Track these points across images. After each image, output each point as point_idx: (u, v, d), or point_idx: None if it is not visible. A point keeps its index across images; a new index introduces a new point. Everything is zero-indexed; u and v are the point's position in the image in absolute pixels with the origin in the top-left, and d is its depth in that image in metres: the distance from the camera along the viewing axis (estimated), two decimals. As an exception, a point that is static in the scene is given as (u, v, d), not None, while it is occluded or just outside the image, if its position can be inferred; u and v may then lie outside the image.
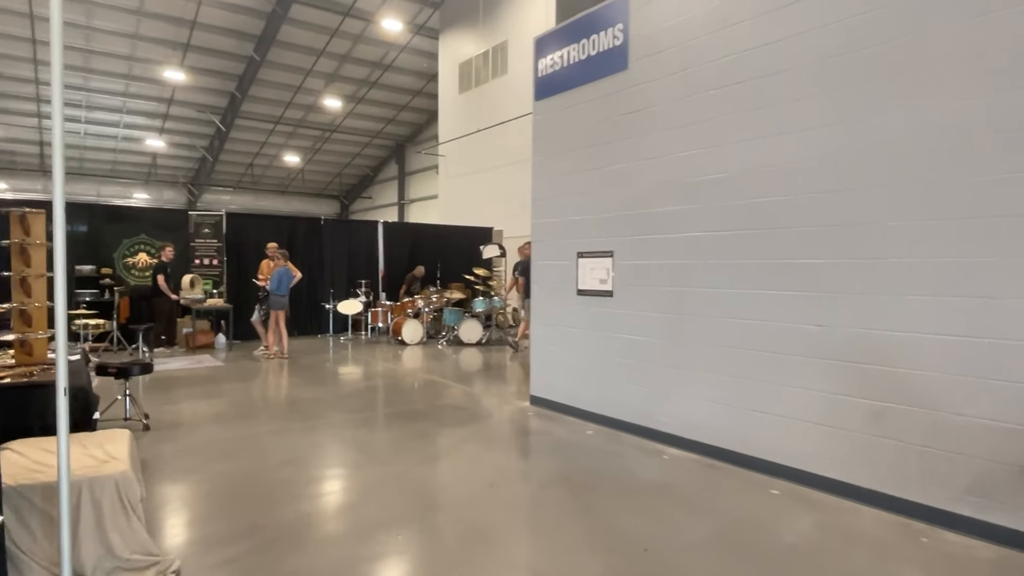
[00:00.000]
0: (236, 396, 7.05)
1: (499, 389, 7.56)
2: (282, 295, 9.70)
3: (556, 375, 6.33)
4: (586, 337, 5.96)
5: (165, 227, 11.46)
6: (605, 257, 5.73)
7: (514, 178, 18.76)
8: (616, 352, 5.64)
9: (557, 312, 6.30)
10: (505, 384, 7.90)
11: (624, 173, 5.57)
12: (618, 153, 5.63)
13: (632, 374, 5.48)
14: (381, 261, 13.92)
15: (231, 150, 28.53)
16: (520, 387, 7.67)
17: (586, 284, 5.93)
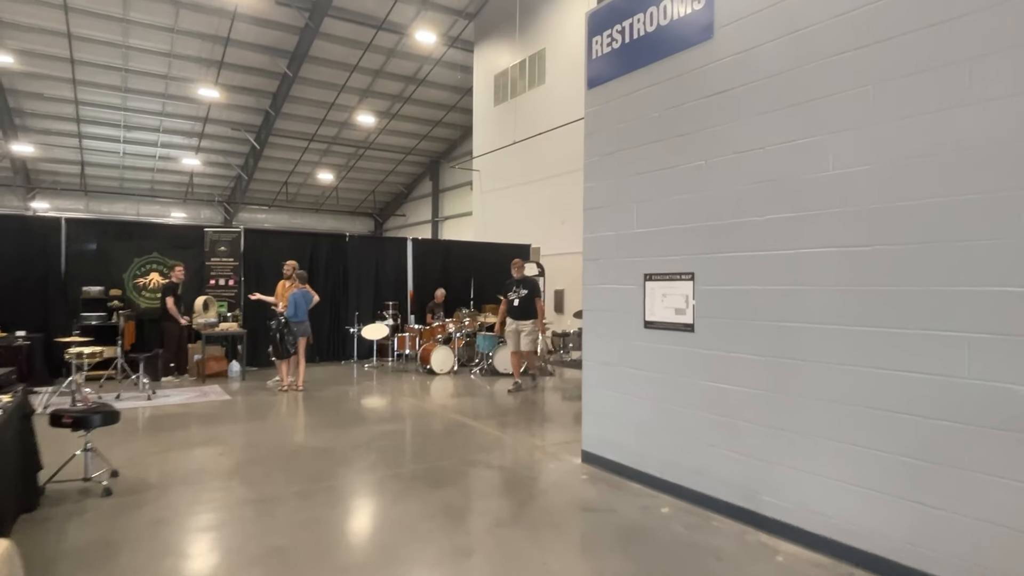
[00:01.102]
0: (233, 443, 5.88)
1: (543, 435, 6.22)
2: (301, 321, 8.57)
3: (616, 428, 4.97)
4: (657, 382, 4.60)
5: (179, 245, 10.51)
6: (682, 280, 4.39)
7: (552, 192, 17.53)
8: (699, 404, 4.27)
9: (616, 348, 4.96)
10: (549, 428, 6.55)
11: (706, 172, 4.24)
12: (698, 146, 4.31)
13: (722, 435, 4.10)
14: (410, 281, 12.76)
15: (265, 168, 28.03)
16: (568, 433, 6.32)
17: (657, 314, 4.58)
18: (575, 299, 15.95)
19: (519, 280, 8.88)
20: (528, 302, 8.73)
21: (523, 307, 8.73)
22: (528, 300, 8.73)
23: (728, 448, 4.06)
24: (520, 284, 8.84)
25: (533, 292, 8.83)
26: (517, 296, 8.77)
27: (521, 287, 8.80)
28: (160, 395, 8.33)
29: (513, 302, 8.80)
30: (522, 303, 8.74)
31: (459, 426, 6.65)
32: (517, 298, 8.76)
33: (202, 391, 8.70)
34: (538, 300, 8.88)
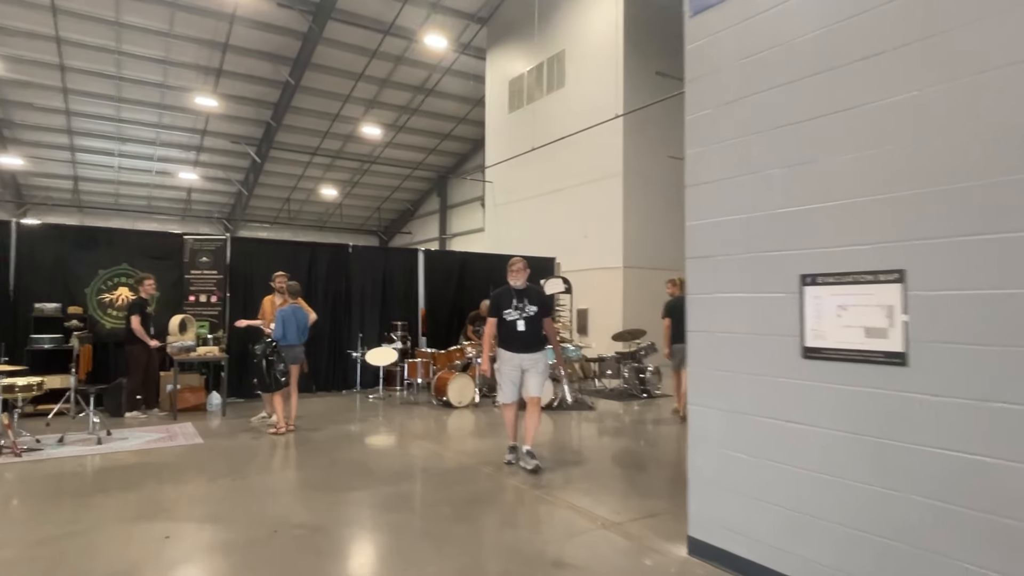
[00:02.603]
0: (189, 517, 4.15)
1: (612, 505, 4.49)
2: (291, 344, 6.86)
3: (747, 509, 3.25)
4: (831, 444, 2.89)
5: (154, 254, 8.85)
6: (880, 283, 2.71)
7: (573, 203, 15.93)
8: (924, 485, 2.56)
9: (750, 389, 3.26)
10: (615, 491, 4.81)
11: (927, 106, 2.59)
12: (909, 67, 2.66)
13: (979, 544, 2.39)
14: (421, 298, 11.08)
15: (267, 184, 26.57)
16: (645, 500, 4.58)
17: (829, 337, 2.89)
18: (602, 319, 14.23)
19: (521, 291, 5.44)
20: (537, 325, 5.43)
21: (531, 333, 5.38)
22: (537, 322, 5.43)
23: (992, 569, 2.34)
24: (523, 297, 5.43)
25: (544, 310, 5.52)
26: (521, 315, 5.37)
27: (526, 302, 5.42)
28: (116, 436, 6.60)
29: (514, 325, 5.36)
30: (530, 327, 5.37)
31: (493, 487, 4.91)
32: (521, 318, 5.36)
33: (170, 431, 6.97)
34: (549, 321, 5.61)
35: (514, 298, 5.42)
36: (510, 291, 5.46)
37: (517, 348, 5.38)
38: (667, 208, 15.21)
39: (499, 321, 5.44)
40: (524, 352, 5.37)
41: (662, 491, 4.77)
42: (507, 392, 5.44)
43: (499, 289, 5.55)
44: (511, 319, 5.38)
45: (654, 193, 14.98)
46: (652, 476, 5.22)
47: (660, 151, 15.19)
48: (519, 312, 5.39)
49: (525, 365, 5.37)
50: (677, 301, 8.03)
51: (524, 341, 5.38)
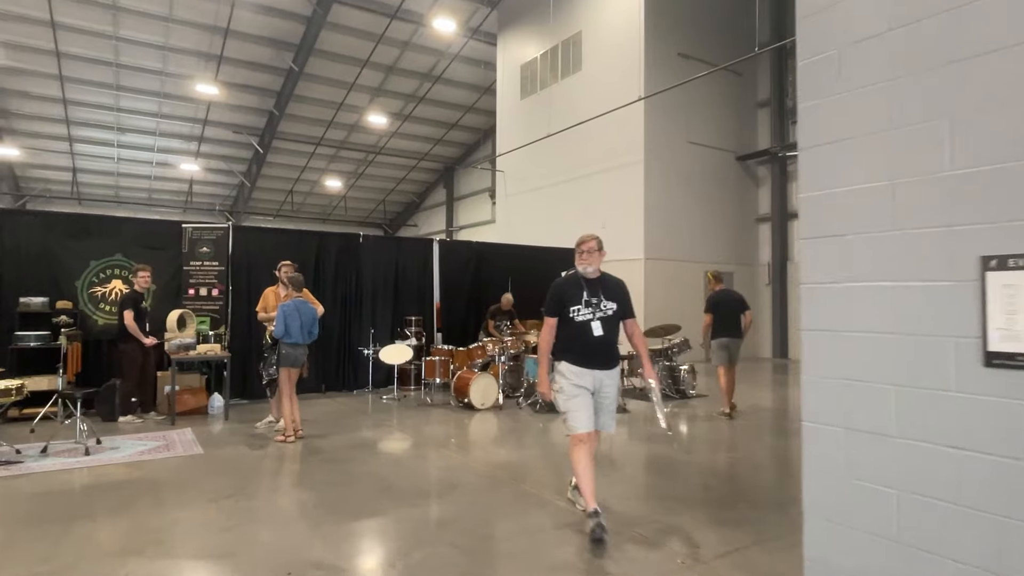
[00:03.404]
0: (173, 551, 3.43)
1: (692, 533, 3.76)
2: (292, 343, 6.12)
3: (890, 555, 2.52)
4: (1014, 478, 2.17)
5: (150, 244, 8.13)
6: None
7: (590, 192, 15.16)
8: None
9: (896, 404, 2.52)
10: (694, 515, 4.09)
11: None
12: None
13: None
14: (436, 291, 10.35)
15: (269, 175, 25.79)
16: (735, 530, 3.86)
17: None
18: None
19: (594, 281, 3.90)
20: (616, 329, 3.90)
21: (610, 340, 3.85)
22: (616, 325, 3.89)
23: None
24: (598, 289, 3.87)
25: (626, 308, 3.93)
26: (596, 315, 3.79)
27: (601, 296, 3.86)
28: (107, 445, 5.90)
29: (587, 328, 3.77)
30: (608, 332, 3.81)
31: (538, 510, 4.20)
32: (596, 319, 3.78)
33: (167, 438, 6.26)
34: (634, 324, 4.02)
35: (585, 290, 3.81)
36: (578, 281, 3.87)
37: (591, 361, 3.73)
38: (690, 197, 14.45)
39: (562, 321, 3.84)
40: (601, 367, 3.74)
41: (739, 515, 4.05)
42: (581, 417, 3.67)
43: (562, 278, 4.07)
44: (582, 319, 3.76)
45: (676, 181, 14.22)
46: (718, 494, 4.50)
47: (681, 137, 14.42)
48: (593, 310, 3.78)
49: (602, 387, 3.74)
50: (720, 295, 7.66)
51: (601, 351, 3.77)
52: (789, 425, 7.12)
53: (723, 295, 7.66)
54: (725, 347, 7.47)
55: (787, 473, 5.13)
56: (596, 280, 3.92)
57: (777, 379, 11.65)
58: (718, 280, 7.77)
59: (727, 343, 7.45)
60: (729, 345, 7.46)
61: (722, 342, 7.47)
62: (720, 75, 14.37)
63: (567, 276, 4.06)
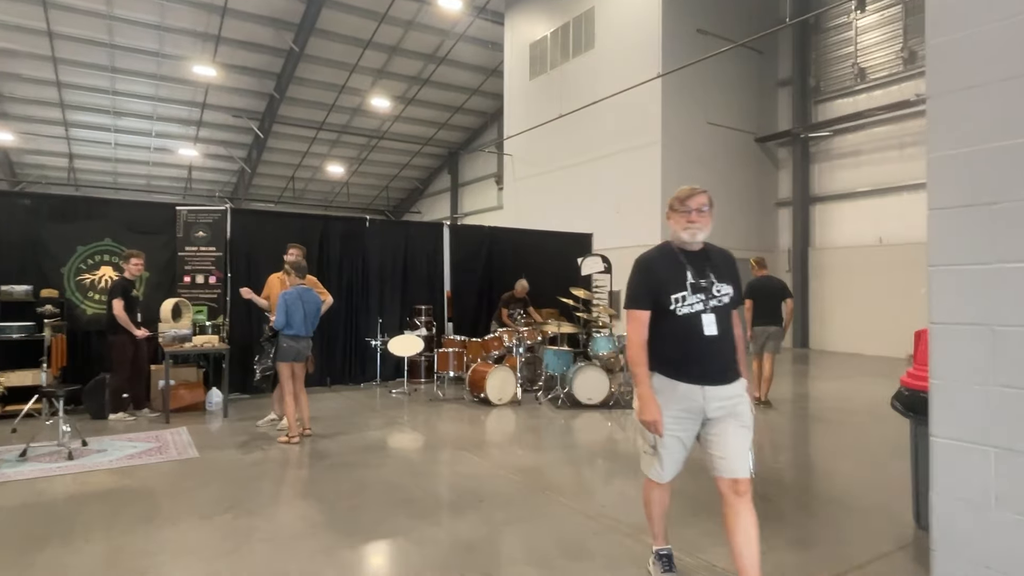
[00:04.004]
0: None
1: (783, 561, 3.22)
2: (294, 335, 5.54)
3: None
4: None
5: (142, 228, 7.54)
6: None
7: (602, 176, 14.53)
8: None
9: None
10: (774, 535, 3.54)
11: None
12: None
13: None
14: (447, 278, 9.77)
15: (270, 161, 25.13)
16: (823, 548, 3.31)
17: None
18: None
19: (700, 256, 2.67)
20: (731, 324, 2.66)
21: (727, 341, 2.63)
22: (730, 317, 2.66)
23: None
24: (706, 267, 2.64)
25: (739, 292, 2.69)
26: (707, 304, 2.58)
27: (712, 277, 2.63)
28: (93, 447, 5.35)
29: (694, 324, 2.56)
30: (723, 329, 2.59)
31: (582, 527, 3.65)
32: (709, 310, 2.58)
33: (160, 439, 5.72)
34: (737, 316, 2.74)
35: (689, 269, 2.59)
36: (675, 255, 2.63)
37: (701, 373, 2.54)
38: (708, 181, 13.80)
39: (656, 315, 2.60)
40: (715, 381, 2.55)
41: (819, 531, 3.49)
42: (667, 459, 2.66)
43: (652, 252, 2.71)
44: (688, 312, 2.55)
45: (694, 164, 13.58)
46: (783, 506, 3.94)
47: (700, 117, 13.76)
48: (704, 297, 2.57)
49: (715, 408, 2.54)
50: (761, 282, 7.40)
51: (716, 358, 2.57)
52: (823, 415, 6.57)
53: (764, 281, 7.40)
54: (765, 336, 7.24)
55: (823, 472, 4.57)
56: (701, 254, 2.65)
57: (798, 370, 11.10)
58: (761, 266, 7.55)
59: (768, 331, 7.22)
60: (770, 334, 7.22)
61: (763, 330, 7.25)
62: (740, 52, 13.69)
63: (658, 251, 2.71)
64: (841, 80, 13.90)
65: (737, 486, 2.48)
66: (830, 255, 13.81)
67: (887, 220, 12.88)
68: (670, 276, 2.61)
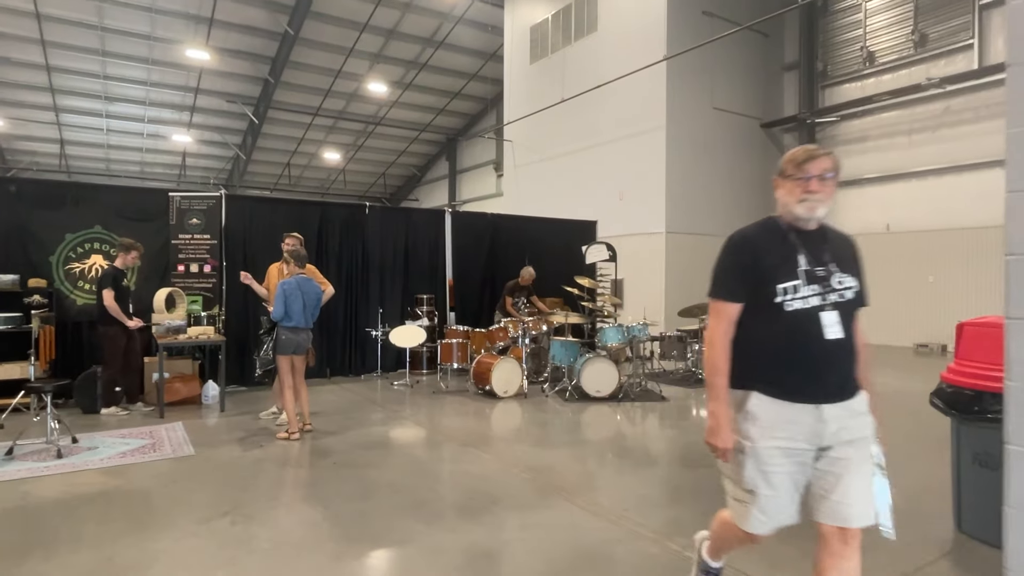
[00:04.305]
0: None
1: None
2: (293, 327, 5.28)
3: None
4: None
5: (133, 215, 7.24)
6: None
7: (605, 162, 14.24)
8: None
9: None
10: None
11: None
12: None
13: None
14: (449, 267, 9.50)
15: (265, 147, 24.72)
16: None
17: None
18: (640, 291, 12.69)
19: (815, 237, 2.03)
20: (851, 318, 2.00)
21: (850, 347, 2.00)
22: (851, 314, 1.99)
23: None
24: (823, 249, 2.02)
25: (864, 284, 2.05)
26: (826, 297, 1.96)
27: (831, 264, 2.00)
28: (84, 444, 5.10)
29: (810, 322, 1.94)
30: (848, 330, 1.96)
31: (598, 533, 3.42)
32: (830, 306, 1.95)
33: (154, 435, 5.46)
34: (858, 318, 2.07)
35: (802, 251, 2.01)
36: (782, 233, 2.04)
37: (815, 388, 1.95)
38: (713, 167, 13.54)
39: (754, 311, 2.02)
40: (830, 398, 1.95)
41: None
42: (769, 509, 1.98)
43: (752, 227, 2.09)
44: (800, 306, 1.96)
45: (699, 150, 13.29)
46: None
47: (705, 102, 13.45)
48: (820, 289, 1.98)
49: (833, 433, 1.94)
50: None
51: (834, 367, 1.97)
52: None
53: None
54: None
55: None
56: (818, 235, 2.03)
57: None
58: None
59: None
60: None
61: None
62: (746, 36, 13.36)
63: (760, 227, 2.06)
64: (849, 64, 13.60)
65: (846, 534, 1.93)
66: (836, 243, 13.58)
67: (894, 207, 12.65)
68: (776, 259, 1.99)
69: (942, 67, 11.93)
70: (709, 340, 2.06)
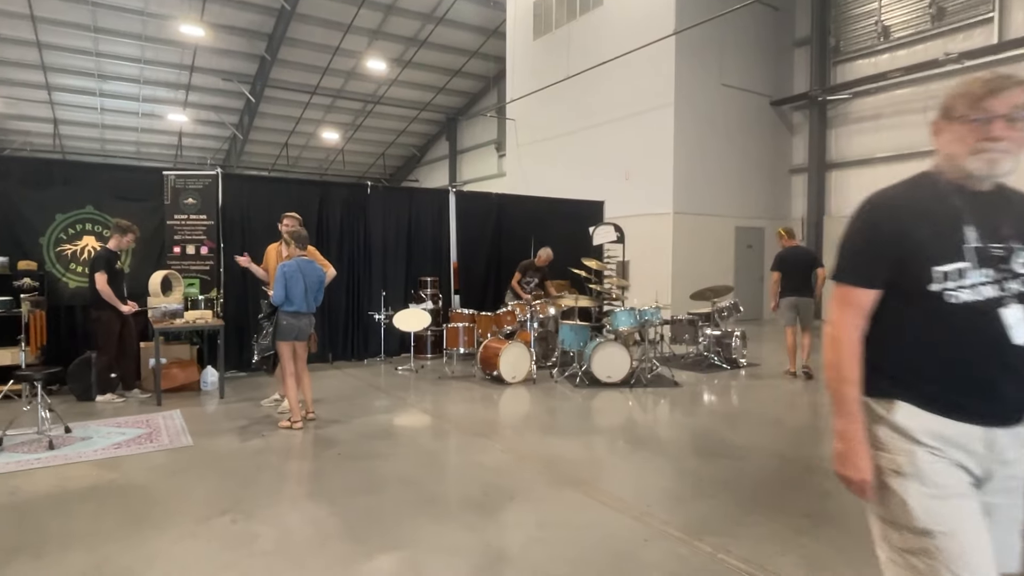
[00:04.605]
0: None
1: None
2: (294, 311, 5.04)
3: None
4: None
5: (126, 195, 6.95)
6: None
7: (611, 141, 13.89)
8: None
9: None
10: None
11: None
12: None
13: None
14: (453, 249, 9.23)
15: (263, 127, 24.25)
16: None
17: None
18: (646, 274, 12.43)
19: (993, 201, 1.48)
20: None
21: None
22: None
23: None
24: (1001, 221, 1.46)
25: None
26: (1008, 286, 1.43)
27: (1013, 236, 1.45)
28: (77, 434, 4.88)
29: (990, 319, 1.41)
30: None
31: (624, 533, 3.21)
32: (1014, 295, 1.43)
33: (151, 424, 5.24)
34: None
35: (970, 221, 1.45)
36: (944, 195, 1.48)
37: (985, 406, 1.43)
38: (722, 146, 13.19)
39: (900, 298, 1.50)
40: (1008, 420, 1.43)
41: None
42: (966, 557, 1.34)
43: (898, 187, 1.54)
44: (969, 298, 1.43)
45: (708, 128, 12.94)
46: (856, 506, 3.52)
47: (714, 79, 13.06)
48: (998, 274, 1.44)
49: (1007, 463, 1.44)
50: (789, 252, 7.19)
51: (1016, 380, 1.42)
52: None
53: (792, 252, 7.21)
54: (794, 307, 7.08)
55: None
56: (995, 198, 1.51)
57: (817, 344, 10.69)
58: (790, 236, 7.33)
59: (795, 302, 7.06)
60: (798, 305, 7.06)
61: (790, 301, 7.07)
62: (756, 10, 12.94)
63: (912, 184, 1.55)
64: (862, 39, 13.18)
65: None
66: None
67: (907, 187, 12.32)
68: (933, 232, 1.46)
69: (960, 42, 11.54)
70: (833, 337, 1.56)
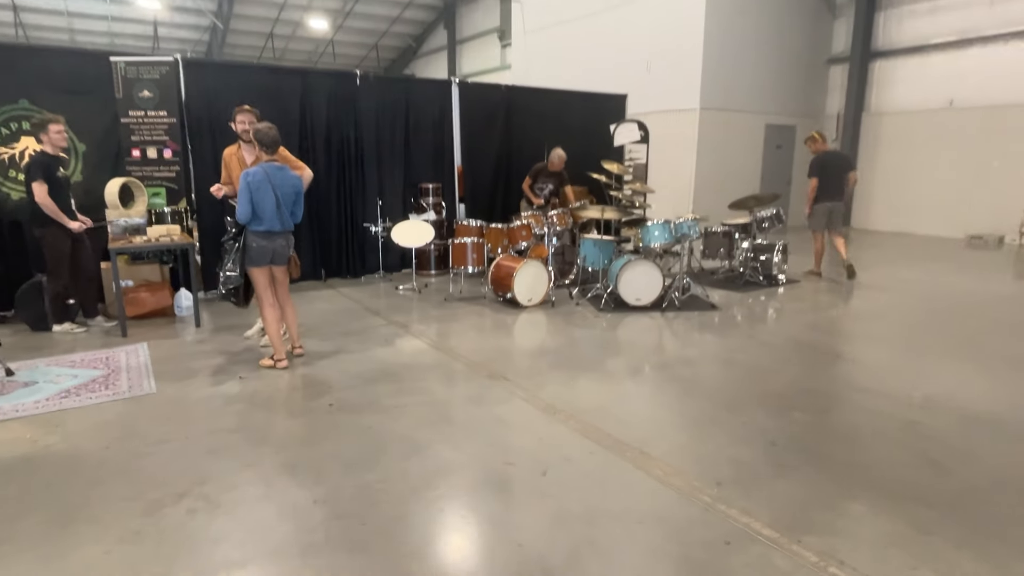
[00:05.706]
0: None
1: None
2: (265, 231, 4.07)
3: None
4: None
5: (69, 88, 5.75)
6: None
7: (630, 28, 12.24)
8: None
9: None
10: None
11: None
12: None
13: None
14: (457, 150, 8.09)
15: (244, 15, 21.97)
16: None
17: None
18: (664, 176, 11.25)
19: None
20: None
21: None
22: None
23: None
24: None
25: None
26: None
27: None
28: (21, 377, 4.08)
29: None
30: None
31: (714, 528, 2.46)
32: None
33: (111, 362, 4.44)
34: None
35: None
36: None
37: None
38: (755, 33, 11.58)
39: None
40: None
41: (1005, 532, 2.29)
42: None
43: None
44: None
45: (742, 14, 11.28)
46: (938, 482, 2.74)
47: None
48: None
49: None
50: (827, 157, 7.02)
51: None
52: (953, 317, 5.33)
53: (830, 156, 7.13)
54: (828, 212, 6.97)
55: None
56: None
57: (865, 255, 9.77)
58: (824, 140, 7.15)
59: (831, 208, 6.99)
60: (832, 210, 7.00)
61: (826, 207, 6.98)
62: None
63: None
64: (927, -100, 11.21)
65: None
66: (888, 121, 11.94)
67: (961, 79, 10.90)
68: None
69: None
70: None
